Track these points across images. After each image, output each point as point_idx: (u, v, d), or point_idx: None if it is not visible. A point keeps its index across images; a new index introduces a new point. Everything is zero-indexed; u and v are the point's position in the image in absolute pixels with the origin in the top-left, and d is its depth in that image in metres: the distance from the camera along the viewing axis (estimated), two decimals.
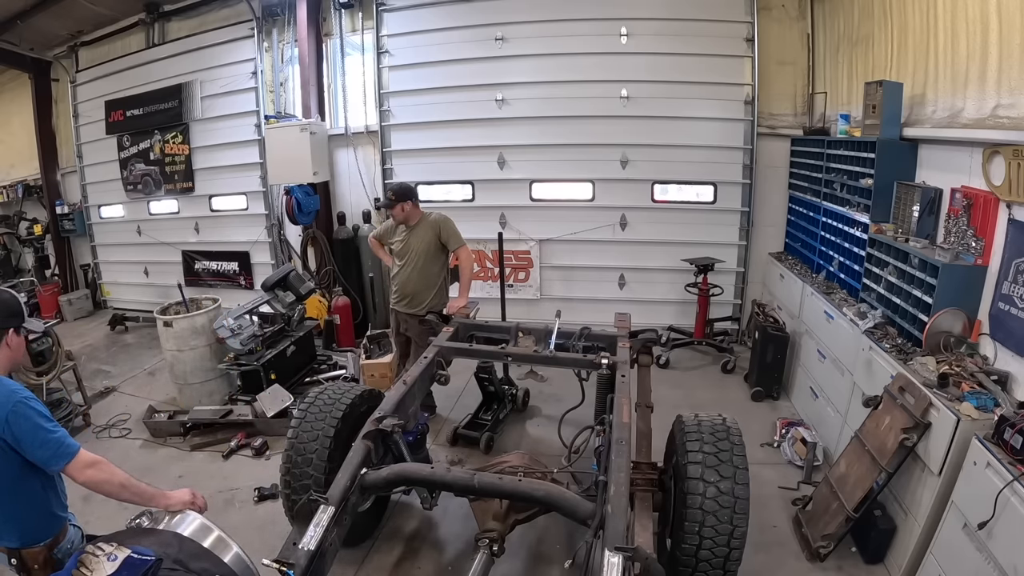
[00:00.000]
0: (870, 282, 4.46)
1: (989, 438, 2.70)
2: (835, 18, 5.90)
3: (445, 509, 3.81)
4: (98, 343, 8.18)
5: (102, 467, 2.10)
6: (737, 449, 2.87)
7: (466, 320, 4.66)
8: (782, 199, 6.69)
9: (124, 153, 8.50)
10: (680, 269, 6.61)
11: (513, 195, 7.13)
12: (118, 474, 2.13)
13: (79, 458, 2.05)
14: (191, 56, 7.82)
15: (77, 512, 2.43)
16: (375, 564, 3.58)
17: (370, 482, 2.80)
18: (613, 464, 2.68)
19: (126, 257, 9.03)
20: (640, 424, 3.59)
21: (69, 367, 5.48)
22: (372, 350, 6.36)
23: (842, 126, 5.26)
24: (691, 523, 2.70)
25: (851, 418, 4.10)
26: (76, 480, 2.06)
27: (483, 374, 5.13)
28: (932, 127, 4.13)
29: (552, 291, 7.27)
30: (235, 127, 7.81)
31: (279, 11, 7.41)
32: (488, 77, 6.87)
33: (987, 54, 3.51)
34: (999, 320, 3.31)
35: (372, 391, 3.70)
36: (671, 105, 6.57)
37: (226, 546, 2.13)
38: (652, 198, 6.89)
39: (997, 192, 3.34)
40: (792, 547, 3.62)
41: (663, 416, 3.66)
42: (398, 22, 7.12)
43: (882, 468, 3.27)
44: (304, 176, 6.88)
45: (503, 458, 3.33)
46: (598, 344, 4.19)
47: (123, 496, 2.15)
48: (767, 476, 4.27)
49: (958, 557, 2.75)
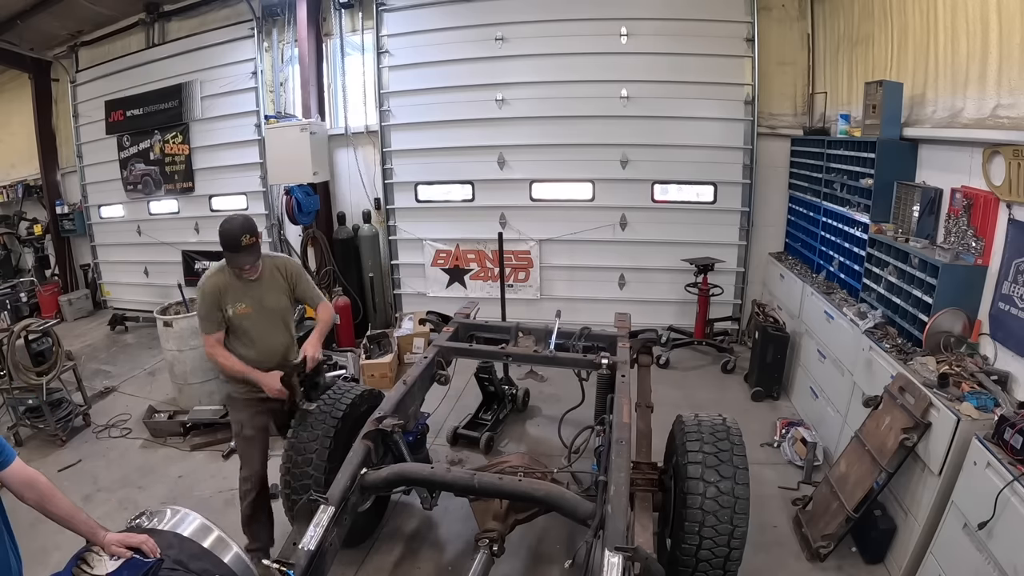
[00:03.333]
0: (870, 282, 4.46)
1: (989, 438, 2.70)
2: (835, 18, 5.90)
3: (445, 509, 3.80)
4: (98, 343, 8.18)
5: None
6: (737, 449, 2.88)
7: (466, 320, 4.66)
8: (782, 199, 6.69)
9: (124, 153, 8.50)
10: (680, 269, 6.61)
11: (513, 195, 7.13)
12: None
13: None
14: (191, 56, 7.82)
15: None
16: (375, 564, 3.58)
17: (370, 482, 2.80)
18: (613, 464, 2.68)
19: (126, 257, 9.03)
20: (640, 424, 3.59)
21: (69, 367, 5.47)
22: (372, 350, 6.37)
23: (842, 126, 5.26)
24: (691, 523, 2.70)
25: (851, 418, 4.10)
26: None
27: (483, 374, 5.13)
28: (932, 127, 4.13)
29: (552, 291, 7.27)
30: (235, 127, 7.81)
31: (279, 11, 7.41)
32: (488, 77, 6.87)
33: (987, 54, 3.51)
34: (999, 320, 3.31)
35: (372, 391, 3.70)
36: (671, 105, 6.57)
37: (226, 546, 2.12)
38: (652, 198, 6.89)
39: (997, 192, 3.34)
40: (792, 547, 3.62)
41: (663, 416, 3.66)
42: (398, 22, 7.12)
43: (882, 468, 3.27)
44: (304, 176, 6.87)
45: (503, 458, 3.33)
46: (598, 344, 4.19)
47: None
48: (767, 476, 4.27)
49: (958, 557, 2.75)
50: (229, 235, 3.04)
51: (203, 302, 3.20)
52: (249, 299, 3.25)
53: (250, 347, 3.31)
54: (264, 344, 3.34)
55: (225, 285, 3.21)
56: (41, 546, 3.41)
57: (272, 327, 3.38)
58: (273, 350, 3.39)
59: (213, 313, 3.20)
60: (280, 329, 3.43)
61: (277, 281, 3.37)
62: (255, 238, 3.12)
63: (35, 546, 3.36)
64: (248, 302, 3.25)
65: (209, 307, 3.19)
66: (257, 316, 3.29)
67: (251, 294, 3.26)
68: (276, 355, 3.38)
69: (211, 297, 3.18)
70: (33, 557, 2.81)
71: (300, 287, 3.46)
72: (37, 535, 3.33)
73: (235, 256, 3.08)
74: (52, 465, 4.78)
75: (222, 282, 3.20)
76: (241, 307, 3.24)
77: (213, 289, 3.19)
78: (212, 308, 3.19)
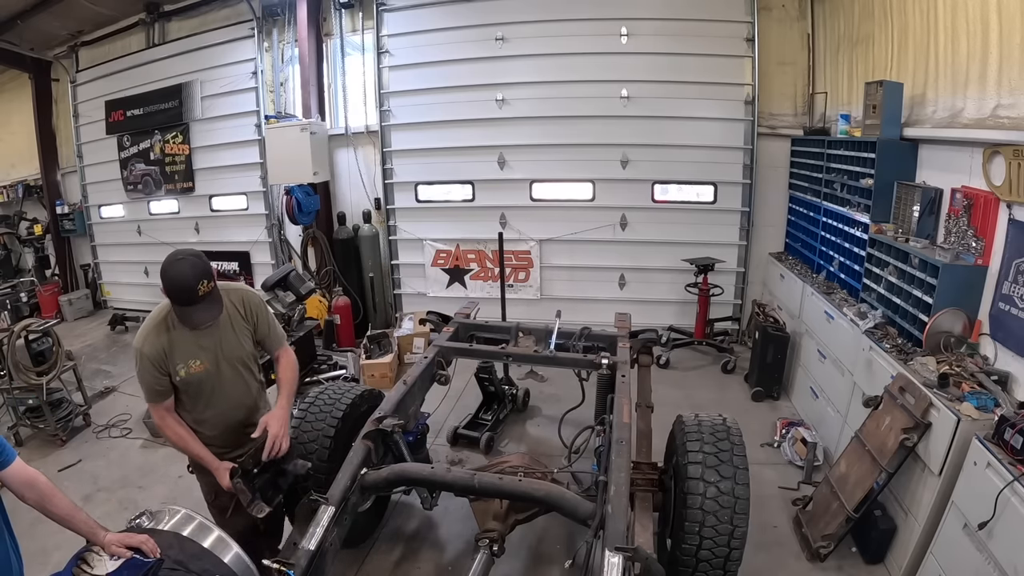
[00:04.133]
0: (870, 282, 4.46)
1: (989, 438, 2.70)
2: (835, 18, 5.90)
3: (445, 509, 3.80)
4: (98, 343, 8.19)
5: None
6: (737, 449, 2.88)
7: (466, 320, 4.66)
8: (782, 199, 6.69)
9: (124, 153, 8.51)
10: (680, 269, 6.61)
11: (513, 195, 7.13)
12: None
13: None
14: (191, 56, 7.83)
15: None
16: (375, 564, 3.58)
17: (370, 482, 2.80)
18: (613, 464, 2.68)
19: (126, 257, 9.04)
20: (640, 424, 3.59)
21: (69, 367, 5.47)
22: (372, 350, 6.37)
23: (842, 126, 5.26)
24: (691, 523, 2.70)
25: (851, 418, 4.10)
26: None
27: (483, 374, 5.13)
28: (932, 127, 4.13)
29: (552, 291, 7.27)
30: (235, 127, 7.82)
31: (279, 11, 7.41)
32: (488, 77, 6.87)
33: (987, 54, 3.51)
34: (999, 320, 3.31)
35: (372, 391, 3.70)
36: (671, 105, 6.58)
37: (226, 546, 2.13)
38: (652, 198, 6.89)
39: (997, 192, 3.34)
40: (792, 547, 3.62)
41: (663, 416, 3.66)
42: (398, 22, 7.12)
43: (882, 468, 3.27)
44: (304, 176, 6.88)
45: (503, 458, 3.33)
46: (598, 344, 4.18)
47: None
48: (767, 476, 4.27)
49: (958, 557, 2.75)
50: (181, 284, 2.29)
51: (143, 370, 2.45)
52: (204, 353, 2.53)
53: (205, 411, 2.62)
54: (222, 405, 2.65)
55: (169, 344, 2.46)
56: (41, 546, 3.42)
57: (233, 381, 2.66)
58: (233, 414, 2.70)
59: (158, 380, 2.47)
60: (241, 382, 2.70)
61: (236, 321, 2.63)
62: (212, 282, 2.38)
63: (35, 546, 3.37)
64: (203, 357, 2.53)
65: (152, 375, 2.45)
66: (215, 371, 2.58)
67: (205, 345, 2.53)
68: (238, 419, 2.72)
69: (153, 364, 2.44)
70: (33, 557, 2.82)
71: (261, 326, 2.72)
72: (37, 535, 3.33)
73: (190, 311, 2.34)
74: (52, 465, 4.79)
75: (165, 342, 2.45)
76: (195, 364, 2.51)
77: (155, 353, 2.43)
78: (156, 375, 2.46)
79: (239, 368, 2.68)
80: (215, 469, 2.50)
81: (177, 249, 2.44)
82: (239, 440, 2.70)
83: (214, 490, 2.61)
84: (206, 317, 2.39)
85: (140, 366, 2.46)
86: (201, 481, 2.75)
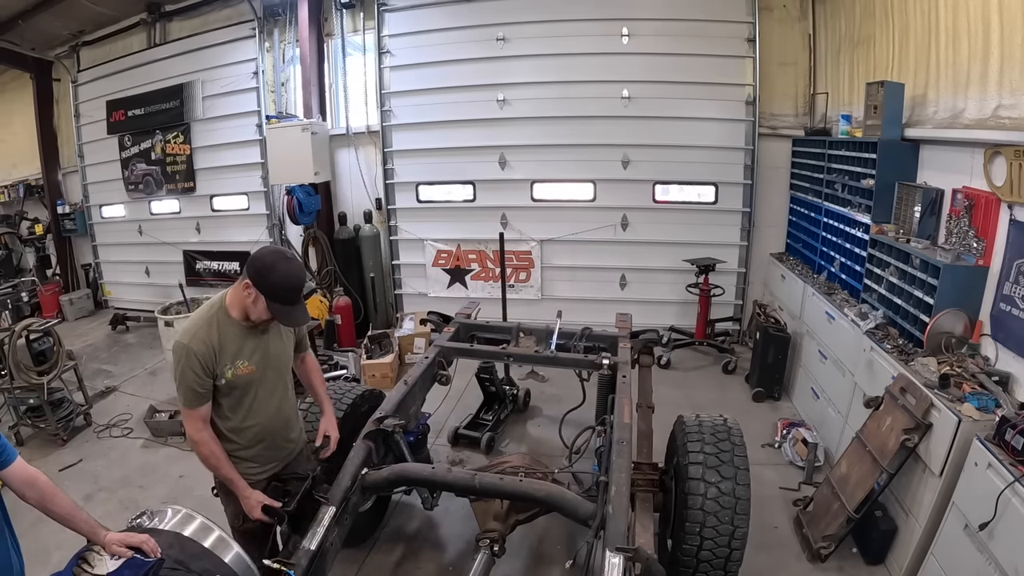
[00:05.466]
0: (871, 283, 4.46)
1: (990, 439, 2.70)
2: (837, 19, 5.90)
3: (446, 509, 3.80)
4: (99, 343, 8.19)
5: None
6: (738, 450, 2.88)
7: (467, 320, 4.66)
8: (783, 200, 6.69)
9: (125, 153, 8.52)
10: (681, 269, 6.61)
11: (514, 195, 7.13)
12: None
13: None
14: (192, 56, 7.83)
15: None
16: (376, 564, 3.58)
17: (371, 482, 2.80)
18: (614, 464, 2.68)
19: (127, 257, 9.05)
20: (641, 424, 3.59)
21: (70, 367, 5.47)
22: (373, 350, 6.37)
23: (843, 127, 5.26)
24: (692, 524, 2.70)
25: (852, 419, 4.10)
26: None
27: (484, 374, 5.13)
28: (933, 128, 4.13)
29: (553, 291, 7.27)
30: (236, 127, 7.82)
31: (280, 11, 7.42)
32: (489, 77, 6.87)
33: (988, 55, 3.51)
34: (1000, 321, 3.31)
35: (373, 391, 3.70)
36: (672, 105, 6.57)
37: (226, 546, 2.12)
38: (653, 198, 6.89)
39: (998, 193, 3.34)
40: (793, 548, 3.62)
41: (664, 416, 3.66)
42: (399, 22, 7.12)
43: (883, 469, 3.27)
44: (305, 176, 6.88)
45: (504, 458, 3.33)
46: (599, 344, 4.18)
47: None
48: (768, 477, 4.27)
49: (959, 558, 2.75)
50: (294, 283, 2.19)
51: (188, 368, 2.22)
52: (254, 353, 2.35)
53: (245, 419, 2.41)
54: (265, 414, 2.45)
55: (221, 340, 2.27)
56: (42, 545, 3.42)
57: (274, 388, 2.49)
58: (273, 425, 2.51)
59: (201, 382, 2.25)
60: (283, 390, 2.56)
61: (280, 327, 2.46)
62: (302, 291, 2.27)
63: (36, 545, 3.36)
64: (252, 358, 2.34)
65: (196, 375, 2.23)
66: (260, 375, 2.39)
67: (254, 345, 2.36)
68: (277, 431, 2.55)
69: (201, 361, 2.22)
70: (35, 556, 2.82)
71: (300, 328, 2.59)
72: (38, 534, 3.33)
73: (291, 310, 2.23)
74: (53, 464, 4.79)
75: (216, 339, 2.25)
76: (243, 366, 2.32)
77: (205, 350, 2.23)
78: (200, 376, 2.24)
79: (283, 374, 2.55)
80: (245, 498, 2.39)
81: (268, 246, 2.39)
82: (273, 455, 2.55)
83: (241, 515, 2.45)
84: (304, 317, 2.34)
85: (184, 364, 2.23)
86: (227, 505, 2.57)
